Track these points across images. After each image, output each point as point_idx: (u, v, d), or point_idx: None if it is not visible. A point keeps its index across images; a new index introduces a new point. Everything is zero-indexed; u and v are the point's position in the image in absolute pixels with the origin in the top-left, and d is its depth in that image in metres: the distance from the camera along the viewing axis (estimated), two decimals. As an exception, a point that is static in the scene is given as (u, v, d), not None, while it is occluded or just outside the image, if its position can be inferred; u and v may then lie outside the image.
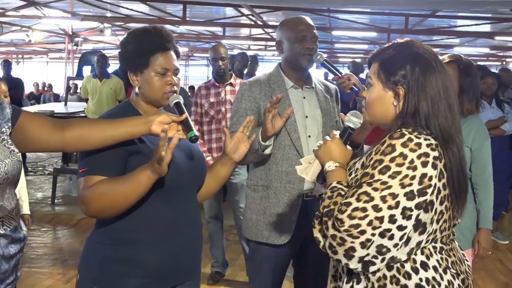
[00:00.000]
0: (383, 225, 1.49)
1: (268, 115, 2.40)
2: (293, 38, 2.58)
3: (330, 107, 2.71)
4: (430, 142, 1.55)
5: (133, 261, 1.90)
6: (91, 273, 1.94)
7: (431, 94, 1.60)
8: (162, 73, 1.93)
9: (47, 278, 4.51)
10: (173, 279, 2.00)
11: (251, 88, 2.64)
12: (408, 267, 1.57)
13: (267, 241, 2.60)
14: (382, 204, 1.50)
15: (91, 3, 10.92)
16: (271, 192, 2.60)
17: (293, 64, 2.63)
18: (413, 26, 11.95)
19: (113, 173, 1.82)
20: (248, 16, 11.95)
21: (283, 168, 2.58)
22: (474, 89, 2.78)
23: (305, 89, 2.67)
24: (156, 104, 1.98)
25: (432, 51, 1.67)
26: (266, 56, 21.98)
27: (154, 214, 1.91)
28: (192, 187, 2.06)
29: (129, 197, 1.80)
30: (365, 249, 1.51)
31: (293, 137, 2.57)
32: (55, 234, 5.80)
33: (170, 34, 2.00)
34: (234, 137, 2.12)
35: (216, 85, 4.39)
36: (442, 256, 1.61)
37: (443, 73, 1.63)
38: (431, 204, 1.53)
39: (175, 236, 1.95)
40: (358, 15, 11.42)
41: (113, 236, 1.92)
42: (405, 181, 1.50)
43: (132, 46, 1.97)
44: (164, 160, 1.70)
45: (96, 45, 18.08)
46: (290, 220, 2.57)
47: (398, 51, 1.67)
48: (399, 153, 1.53)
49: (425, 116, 1.59)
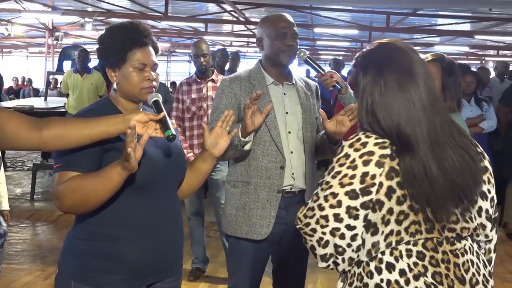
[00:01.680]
0: (330, 224, 1.51)
1: (248, 111, 2.41)
2: (273, 35, 2.60)
3: (311, 104, 2.72)
4: (380, 142, 1.54)
5: (111, 257, 1.90)
6: (70, 268, 1.93)
7: (376, 97, 1.59)
8: (140, 68, 1.93)
9: (26, 275, 4.47)
10: (152, 275, 2.00)
11: (231, 84, 2.65)
12: (373, 266, 1.55)
13: (247, 236, 2.61)
14: (325, 203, 1.53)
15: (72, -3, 10.84)
16: (251, 187, 2.61)
17: (274, 61, 2.64)
18: (395, 24, 12.06)
19: (87, 169, 1.82)
20: (230, 12, 11.95)
21: (263, 164, 2.59)
22: (456, 88, 2.82)
23: (285, 85, 2.68)
24: (135, 100, 1.97)
25: (392, 50, 1.66)
26: (248, 52, 22.01)
27: (132, 210, 1.91)
28: (171, 183, 2.05)
29: (100, 193, 1.79)
30: (322, 248, 1.54)
31: (273, 133, 2.58)
32: (34, 230, 5.76)
33: (147, 29, 2.00)
34: (213, 132, 2.13)
35: (198, 81, 4.38)
36: (418, 262, 1.52)
37: (397, 68, 1.61)
38: (378, 203, 1.51)
39: (154, 232, 1.95)
40: (340, 12, 11.45)
41: (92, 232, 1.91)
42: (344, 180, 1.52)
43: (109, 42, 1.97)
44: (132, 157, 1.69)
45: (77, 39, 17.94)
46: (269, 215, 2.59)
47: (357, 61, 1.71)
48: (344, 153, 1.56)
49: (376, 123, 1.58)
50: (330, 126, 2.51)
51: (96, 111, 1.93)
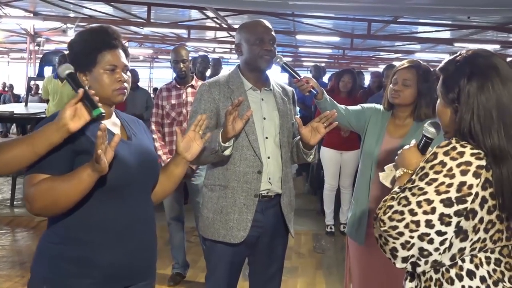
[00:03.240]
0: (420, 229, 1.53)
1: (230, 117, 2.42)
2: (251, 41, 2.62)
3: (287, 109, 2.76)
4: (476, 152, 1.55)
5: (84, 261, 1.90)
6: (42, 272, 1.93)
7: (480, 114, 1.57)
8: (111, 69, 1.95)
9: (5, 281, 4.45)
10: (125, 279, 2.00)
11: (210, 89, 2.67)
12: (453, 273, 1.59)
13: (224, 239, 2.64)
14: (418, 209, 1.54)
15: (54, 3, 10.75)
16: (228, 191, 2.63)
17: (252, 66, 2.67)
18: (376, 32, 12.13)
19: (58, 172, 1.82)
20: (213, 19, 11.96)
21: (241, 168, 2.61)
22: (432, 94, 2.85)
23: (263, 91, 2.71)
24: (108, 102, 1.98)
25: (495, 65, 1.62)
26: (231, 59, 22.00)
27: (104, 213, 1.91)
28: (143, 186, 2.05)
29: (70, 195, 1.79)
30: (406, 250, 1.56)
31: (251, 139, 2.61)
32: (14, 237, 5.72)
33: (117, 32, 2.02)
34: (186, 136, 2.15)
35: (177, 87, 4.39)
36: (496, 268, 1.59)
37: (501, 90, 1.58)
38: (472, 212, 1.54)
39: (127, 236, 1.95)
40: (322, 20, 11.51)
41: (64, 236, 1.91)
42: (441, 188, 1.53)
43: (79, 46, 1.98)
44: (103, 159, 1.70)
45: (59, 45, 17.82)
46: (246, 219, 2.61)
47: (457, 67, 1.66)
48: (439, 161, 1.56)
49: (470, 133, 1.58)
50: (306, 133, 2.55)
51: None
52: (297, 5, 8.07)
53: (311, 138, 2.56)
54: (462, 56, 1.67)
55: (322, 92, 2.93)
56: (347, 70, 6.11)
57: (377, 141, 2.90)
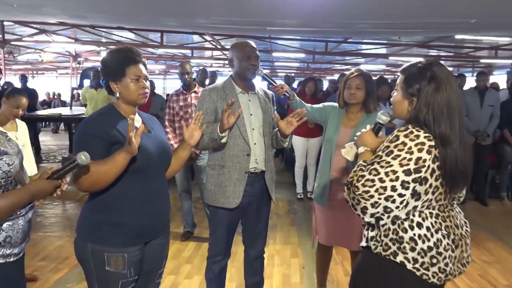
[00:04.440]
0: (387, 192, 1.56)
1: (225, 114, 2.43)
2: (241, 57, 2.59)
3: (268, 108, 2.73)
4: (428, 135, 1.58)
5: (118, 224, 1.89)
6: (85, 233, 1.92)
7: (434, 108, 1.60)
8: (136, 79, 1.94)
9: (58, 240, 4.41)
10: (149, 235, 2.00)
11: (210, 93, 2.64)
12: (407, 224, 1.62)
13: (222, 205, 2.62)
14: (385, 177, 1.56)
15: (90, 31, 10.60)
16: (225, 170, 2.60)
17: (241, 76, 2.64)
18: (332, 49, 12.10)
19: (99, 158, 1.80)
20: (210, 42, 11.85)
21: (234, 152, 2.59)
22: (374, 94, 2.86)
23: (250, 94, 2.68)
24: (134, 104, 1.98)
25: (447, 73, 1.64)
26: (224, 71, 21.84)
27: (131, 188, 1.90)
28: (160, 167, 2.05)
29: (109, 173, 1.79)
30: (374, 208, 1.58)
31: (241, 130, 2.58)
32: (64, 207, 5.64)
33: (138, 51, 2.00)
34: (189, 127, 2.20)
35: (184, 93, 4.35)
36: (436, 220, 1.63)
37: (450, 93, 1.61)
38: (425, 179, 1.57)
39: (149, 204, 1.95)
40: (291, 41, 11.48)
41: (101, 205, 1.90)
42: (403, 162, 1.55)
43: (111, 62, 1.96)
44: (133, 141, 1.71)
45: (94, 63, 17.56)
46: (239, 190, 2.59)
47: (419, 70, 1.66)
48: (401, 141, 1.58)
49: (425, 123, 1.60)
50: (282, 125, 2.55)
51: (104, 114, 1.95)
52: (272, 30, 8.04)
53: (286, 129, 2.55)
54: (423, 63, 1.67)
55: (294, 95, 2.91)
56: (311, 78, 6.08)
57: (335, 130, 2.89)
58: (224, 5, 5.47)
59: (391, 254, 1.64)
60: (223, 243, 2.71)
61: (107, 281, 1.91)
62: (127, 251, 1.90)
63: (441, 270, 1.63)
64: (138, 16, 6.99)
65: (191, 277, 3.63)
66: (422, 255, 1.61)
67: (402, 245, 1.62)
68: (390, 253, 1.64)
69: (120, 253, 1.89)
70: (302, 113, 2.51)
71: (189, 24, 8.11)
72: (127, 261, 1.91)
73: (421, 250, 1.61)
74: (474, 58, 12.70)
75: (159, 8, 5.88)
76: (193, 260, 3.96)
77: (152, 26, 9.22)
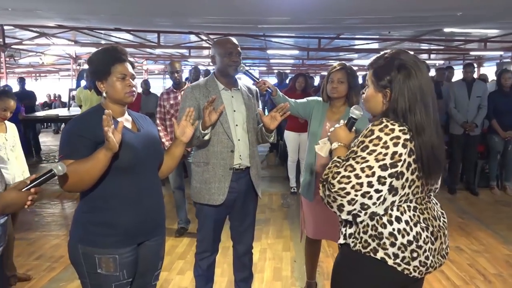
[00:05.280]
0: (363, 189, 1.48)
1: (206, 111, 2.36)
2: (222, 53, 2.52)
3: (252, 104, 2.66)
4: (402, 128, 1.51)
5: (107, 224, 1.83)
6: (77, 235, 1.86)
7: (409, 96, 1.52)
8: (122, 77, 1.87)
9: (54, 239, 4.36)
10: (141, 236, 1.93)
11: (192, 90, 2.57)
12: (385, 219, 1.55)
13: (208, 202, 2.55)
14: (361, 173, 1.48)
15: (89, 34, 10.51)
16: (210, 167, 2.54)
17: (223, 72, 2.57)
18: (325, 46, 12.00)
19: (81, 158, 1.73)
20: (206, 41, 11.76)
21: (218, 149, 2.52)
22: (357, 87, 2.79)
23: (233, 90, 2.61)
24: (121, 103, 1.91)
25: (414, 60, 1.58)
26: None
27: (119, 187, 1.83)
28: (150, 165, 1.97)
29: (91, 172, 1.72)
30: (351, 206, 1.50)
31: (225, 126, 2.51)
32: (62, 206, 5.58)
33: (124, 49, 1.92)
34: (180, 124, 2.11)
35: (174, 91, 4.28)
36: (415, 213, 1.57)
37: (421, 78, 1.54)
38: (401, 174, 1.50)
39: (138, 204, 1.88)
40: (286, 38, 11.36)
41: (91, 206, 1.84)
42: (379, 157, 1.48)
43: (96, 61, 1.89)
44: (111, 136, 1.65)
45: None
46: (224, 186, 2.53)
47: (386, 61, 1.59)
48: (376, 136, 1.51)
49: (402, 112, 1.53)
50: (266, 120, 2.48)
51: (90, 114, 1.88)
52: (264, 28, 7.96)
53: (270, 124, 2.48)
54: (389, 53, 1.62)
55: (276, 90, 2.84)
56: (300, 74, 5.98)
57: (320, 124, 2.82)
58: (215, 4, 5.39)
59: (371, 251, 1.57)
60: (210, 239, 2.64)
61: (100, 284, 1.85)
62: (118, 252, 1.83)
63: (422, 263, 1.57)
64: (132, 17, 6.91)
65: (184, 273, 3.57)
66: (403, 249, 1.55)
67: (382, 241, 1.56)
68: (370, 249, 1.57)
69: (111, 254, 1.82)
70: (285, 107, 2.44)
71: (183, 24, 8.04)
72: (119, 263, 1.83)
73: (401, 244, 1.55)
74: (464, 51, 12.58)
75: (152, 9, 5.81)
76: (186, 256, 3.90)
77: (147, 26, 9.15)
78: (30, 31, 9.83)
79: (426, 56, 14.15)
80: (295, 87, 5.78)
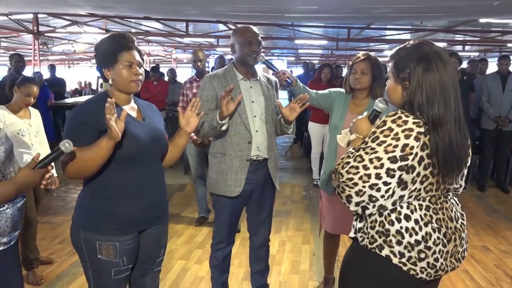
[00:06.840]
0: (371, 180, 1.43)
1: (223, 101, 2.32)
2: (242, 42, 2.47)
3: (271, 95, 2.60)
4: (417, 121, 1.45)
5: (109, 212, 1.82)
6: (79, 220, 1.87)
7: (426, 89, 1.46)
8: (128, 65, 1.83)
9: (63, 223, 4.40)
10: (142, 224, 1.92)
11: (211, 80, 2.53)
12: (393, 217, 1.50)
13: (224, 194, 2.52)
14: (370, 164, 1.43)
15: (120, 22, 10.63)
16: (226, 158, 2.50)
17: (242, 62, 2.51)
18: (354, 36, 11.76)
19: (85, 145, 1.72)
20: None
21: (235, 140, 2.48)
22: (382, 78, 2.69)
23: (252, 81, 2.55)
24: (126, 91, 1.87)
25: (437, 51, 1.50)
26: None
27: (121, 176, 1.82)
28: (153, 155, 1.94)
29: (94, 159, 1.71)
30: (358, 197, 1.46)
31: (242, 117, 2.47)
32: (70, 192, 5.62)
33: (131, 37, 1.88)
34: (185, 114, 2.06)
35: (197, 80, 4.27)
36: (427, 213, 1.50)
37: (443, 71, 1.48)
38: (412, 167, 1.44)
39: (141, 194, 1.86)
40: (314, 28, 11.22)
41: (93, 193, 1.84)
42: (388, 148, 1.43)
43: (103, 48, 1.86)
44: (113, 125, 1.63)
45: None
46: (241, 178, 2.49)
47: (407, 53, 1.53)
48: (388, 127, 1.45)
49: (419, 105, 1.47)
50: (285, 111, 2.42)
51: (96, 102, 1.85)
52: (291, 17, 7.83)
53: (289, 116, 2.42)
54: (411, 44, 1.55)
55: (296, 80, 2.76)
56: (326, 64, 5.86)
57: (341, 117, 2.73)
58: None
59: (377, 247, 1.52)
60: (226, 230, 2.62)
61: (100, 269, 1.86)
62: (118, 240, 1.84)
63: (430, 265, 1.50)
64: (159, 5, 6.92)
65: (201, 262, 3.57)
66: (409, 249, 1.48)
67: (388, 238, 1.50)
68: (376, 246, 1.52)
69: (111, 242, 1.83)
70: (304, 98, 2.38)
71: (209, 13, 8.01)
72: (119, 250, 1.84)
73: (408, 244, 1.48)
74: (501, 43, 12.09)
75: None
76: (205, 246, 3.90)
77: (174, 15, 9.15)
78: (63, 19, 10.02)
79: (460, 47, 13.68)
80: (320, 77, 5.66)
